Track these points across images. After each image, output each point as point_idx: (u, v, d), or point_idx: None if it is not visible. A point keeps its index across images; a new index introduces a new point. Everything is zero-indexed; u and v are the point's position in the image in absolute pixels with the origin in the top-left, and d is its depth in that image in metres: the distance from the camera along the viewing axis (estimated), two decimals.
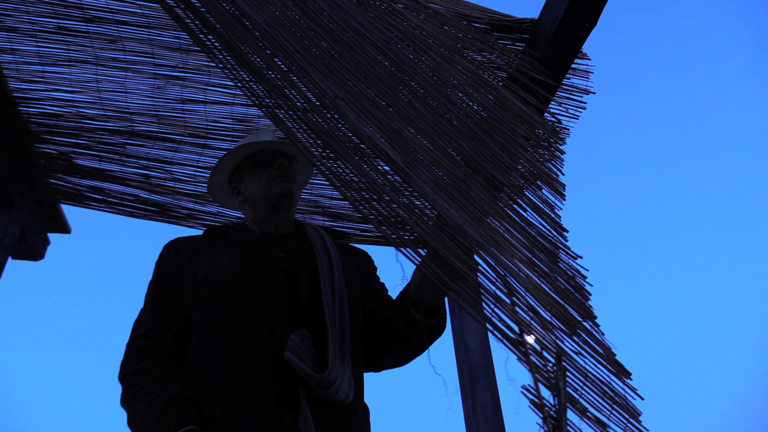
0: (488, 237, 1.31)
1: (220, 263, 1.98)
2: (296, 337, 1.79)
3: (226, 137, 4.03)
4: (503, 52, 3.38)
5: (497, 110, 2.41)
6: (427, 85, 2.22)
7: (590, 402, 1.17)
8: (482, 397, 3.78)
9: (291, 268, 1.99)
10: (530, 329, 1.16)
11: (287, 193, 2.17)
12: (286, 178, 2.19)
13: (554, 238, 1.73)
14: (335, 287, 1.96)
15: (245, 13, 1.76)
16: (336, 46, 2.09)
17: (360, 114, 1.57)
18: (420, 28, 2.80)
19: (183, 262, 2.03)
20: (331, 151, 1.40)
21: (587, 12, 3.19)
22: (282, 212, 2.18)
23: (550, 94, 3.34)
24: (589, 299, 1.45)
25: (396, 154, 1.46)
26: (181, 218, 4.25)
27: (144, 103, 3.93)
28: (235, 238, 2.09)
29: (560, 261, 1.59)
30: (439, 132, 1.88)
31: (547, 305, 1.25)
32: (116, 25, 3.67)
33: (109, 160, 4.09)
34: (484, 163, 1.90)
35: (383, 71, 2.10)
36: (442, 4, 3.39)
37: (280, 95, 1.52)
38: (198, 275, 1.98)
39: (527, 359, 1.11)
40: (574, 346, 1.23)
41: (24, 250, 4.15)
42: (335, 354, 1.81)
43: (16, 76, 3.81)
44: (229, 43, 1.66)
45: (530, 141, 2.40)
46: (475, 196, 1.52)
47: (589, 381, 1.18)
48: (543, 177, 2.13)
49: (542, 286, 1.32)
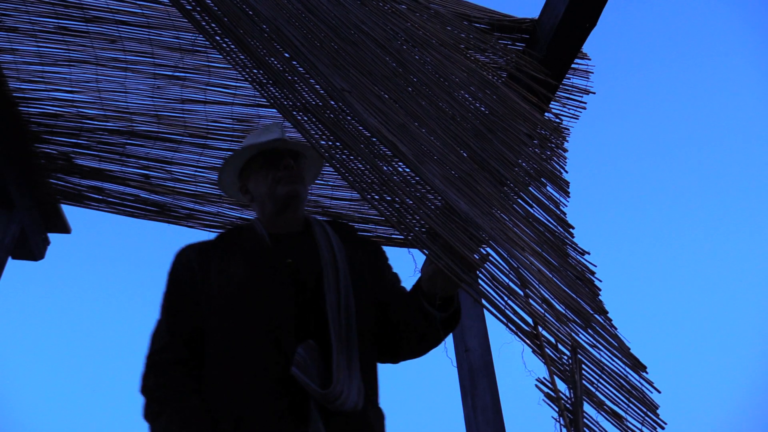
0: (498, 230, 1.31)
1: (231, 275, 2.00)
2: (303, 351, 1.80)
3: (226, 137, 4.02)
4: (503, 52, 3.38)
5: (499, 108, 2.41)
6: (430, 83, 2.22)
7: (606, 395, 1.16)
8: (482, 397, 3.78)
9: (297, 275, 2.00)
10: (545, 322, 1.16)
11: (293, 194, 2.17)
12: (292, 178, 2.18)
13: (561, 234, 1.73)
14: (341, 292, 1.96)
15: (254, 9, 1.76)
16: (340, 42, 2.09)
17: (367, 107, 1.57)
18: (422, 28, 2.80)
19: (194, 272, 2.04)
20: (341, 143, 1.39)
21: (587, 12, 3.20)
22: (289, 212, 2.18)
23: (550, 94, 3.35)
24: (599, 294, 1.44)
25: (405, 147, 1.46)
26: (181, 218, 4.24)
27: (144, 103, 3.92)
28: (244, 244, 2.10)
29: (569, 257, 1.59)
30: (443, 128, 1.89)
31: (561, 298, 1.25)
32: (116, 25, 3.66)
33: (109, 160, 4.07)
34: (490, 159, 1.90)
35: (387, 68, 2.10)
36: (442, 5, 3.39)
37: (291, 88, 1.52)
38: (210, 287, 2.00)
39: (542, 352, 1.11)
40: (589, 339, 1.22)
41: (24, 250, 4.13)
42: (340, 366, 1.82)
43: (16, 76, 3.80)
44: (236, 35, 1.66)
45: (533, 139, 2.41)
46: (482, 191, 1.52)
47: (605, 374, 1.17)
48: (547, 174, 2.14)
49: (554, 280, 1.32)
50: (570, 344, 1.15)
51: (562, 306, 1.23)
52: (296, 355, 1.79)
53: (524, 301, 1.18)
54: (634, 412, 1.19)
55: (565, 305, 1.25)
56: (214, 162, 4.08)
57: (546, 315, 1.18)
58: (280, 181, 2.17)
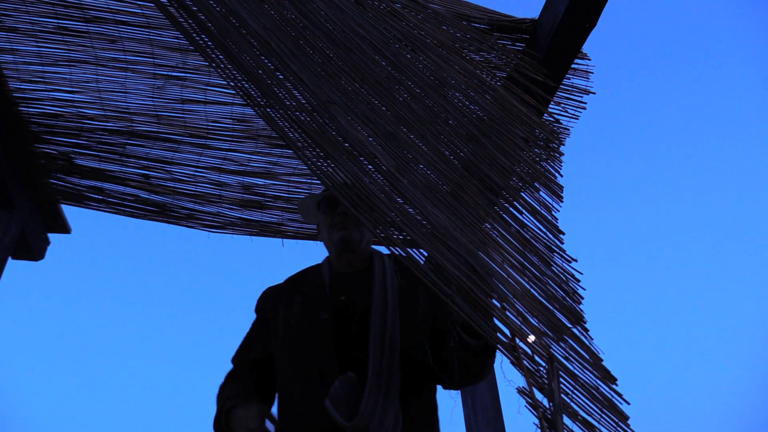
0: (479, 242, 1.31)
1: (291, 316, 2.22)
2: (338, 383, 1.91)
3: (226, 137, 4.02)
4: (503, 53, 3.37)
5: (496, 111, 2.41)
6: (425, 86, 2.22)
7: (580, 406, 1.17)
8: (482, 398, 3.78)
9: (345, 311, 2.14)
10: (522, 335, 1.17)
11: (344, 240, 2.30)
12: (344, 225, 2.31)
13: (550, 240, 1.73)
14: (387, 326, 2.07)
15: (241, 20, 1.76)
16: (333, 47, 2.09)
17: (354, 118, 1.57)
18: (419, 29, 2.79)
19: (268, 314, 2.31)
20: (325, 154, 1.40)
21: (587, 12, 3.19)
22: (349, 254, 2.32)
23: (549, 95, 3.34)
24: (581, 303, 1.45)
25: (389, 158, 1.46)
26: (181, 218, 4.25)
27: (144, 103, 3.93)
28: (307, 285, 2.31)
29: (554, 265, 1.59)
30: (435, 134, 1.88)
31: (536, 311, 1.25)
32: (116, 25, 3.66)
33: (109, 160, 4.09)
34: (481, 165, 1.89)
35: (381, 72, 2.10)
36: (441, 5, 3.38)
37: (276, 99, 1.52)
38: (277, 326, 2.24)
39: (520, 363, 1.12)
40: (563, 352, 1.23)
41: (24, 250, 4.15)
42: (371, 397, 1.89)
43: (16, 76, 3.81)
44: (226, 48, 1.66)
45: (529, 143, 2.40)
46: (469, 200, 1.52)
47: (578, 385, 1.19)
48: (541, 179, 2.13)
49: (531, 292, 1.32)
50: (546, 356, 1.16)
51: (536, 320, 1.24)
52: (332, 388, 1.90)
53: (502, 314, 1.19)
54: (606, 423, 1.21)
55: (540, 319, 1.25)
56: (214, 162, 4.10)
57: (522, 327, 1.18)
58: (335, 227, 2.33)
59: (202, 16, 1.74)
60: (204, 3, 1.76)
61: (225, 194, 4.19)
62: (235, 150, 4.07)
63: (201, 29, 1.72)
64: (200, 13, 1.76)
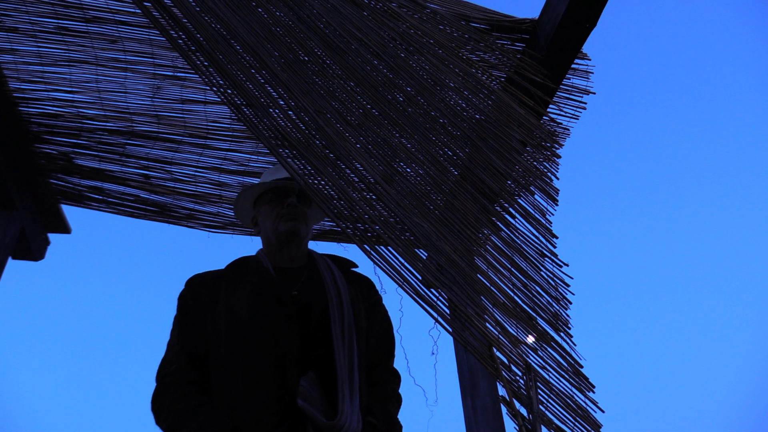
0: (464, 250, 1.30)
1: (237, 305, 2.11)
2: (306, 383, 1.88)
3: (225, 137, 4.02)
4: (503, 53, 3.35)
5: (493, 113, 2.39)
6: (422, 89, 2.20)
7: (555, 414, 1.17)
8: (482, 397, 3.78)
9: (303, 307, 2.09)
10: (499, 345, 1.15)
11: (292, 231, 2.25)
12: (292, 216, 2.27)
13: (542, 245, 1.71)
14: (345, 325, 2.05)
15: (232, 32, 1.74)
16: (329, 52, 2.08)
17: (345, 126, 1.55)
18: (417, 29, 2.78)
19: (203, 300, 2.17)
20: (311, 167, 1.38)
21: (587, 12, 3.17)
22: (292, 247, 2.27)
23: (549, 95, 3.32)
24: (568, 308, 1.43)
25: (377, 167, 1.45)
26: (181, 218, 4.25)
27: (144, 103, 3.93)
28: (251, 276, 2.21)
29: (543, 270, 1.57)
30: (430, 139, 1.87)
31: (517, 320, 1.24)
32: (116, 25, 3.66)
33: (109, 160, 4.09)
34: (476, 169, 1.88)
35: (378, 76, 2.09)
36: (441, 5, 3.37)
37: (264, 112, 1.51)
38: (217, 316, 2.12)
39: (498, 373, 1.11)
40: (539, 361, 1.22)
41: (24, 250, 4.16)
42: (344, 398, 1.90)
43: (16, 76, 3.82)
44: (220, 67, 1.64)
45: (526, 146, 2.38)
46: (460, 206, 1.50)
47: (553, 394, 1.18)
48: (536, 182, 2.11)
49: (515, 299, 1.31)
50: (523, 366, 1.15)
51: (514, 329, 1.23)
52: (300, 388, 1.87)
53: (481, 326, 1.17)
54: (579, 431, 1.20)
55: (519, 328, 1.24)
56: (214, 162, 4.09)
57: (500, 338, 1.17)
58: (282, 218, 2.27)
59: (189, 24, 1.73)
60: (193, 13, 1.74)
61: (225, 194, 4.19)
62: (235, 150, 4.07)
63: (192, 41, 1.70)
64: (188, 22, 1.75)
